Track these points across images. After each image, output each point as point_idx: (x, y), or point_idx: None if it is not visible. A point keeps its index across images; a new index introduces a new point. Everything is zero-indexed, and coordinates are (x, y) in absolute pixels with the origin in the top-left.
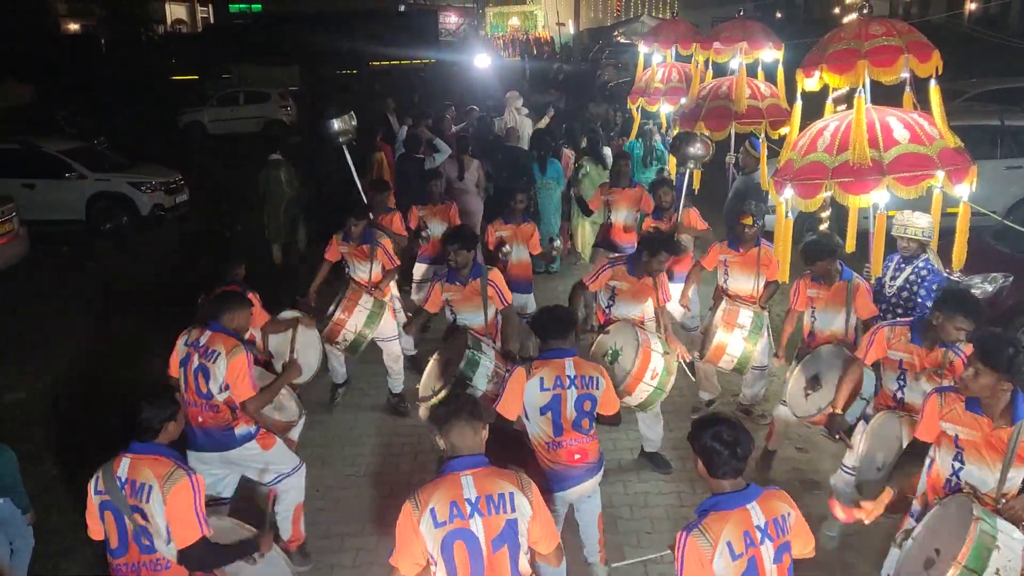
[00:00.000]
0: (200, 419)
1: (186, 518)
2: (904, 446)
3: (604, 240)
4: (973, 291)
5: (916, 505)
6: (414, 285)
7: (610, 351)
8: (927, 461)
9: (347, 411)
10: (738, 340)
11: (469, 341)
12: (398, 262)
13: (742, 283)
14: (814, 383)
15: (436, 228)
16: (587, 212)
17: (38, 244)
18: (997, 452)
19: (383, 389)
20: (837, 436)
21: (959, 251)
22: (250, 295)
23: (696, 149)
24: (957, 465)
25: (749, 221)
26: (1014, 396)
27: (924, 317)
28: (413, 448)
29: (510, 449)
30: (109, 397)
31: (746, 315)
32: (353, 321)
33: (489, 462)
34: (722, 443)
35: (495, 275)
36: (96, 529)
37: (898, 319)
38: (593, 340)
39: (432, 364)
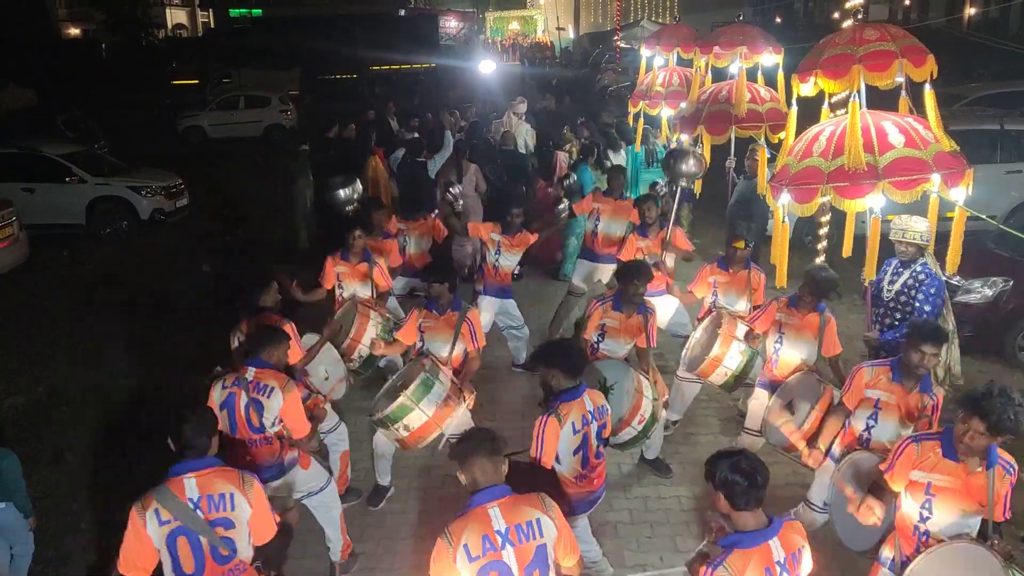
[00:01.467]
0: (248, 457)
1: (266, 517)
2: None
3: (585, 250)
4: (973, 295)
5: (886, 551)
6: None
7: (600, 383)
8: (894, 504)
9: (347, 416)
10: (735, 354)
11: (428, 366)
12: (391, 283)
13: (731, 304)
14: (791, 411)
15: (416, 244)
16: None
17: (38, 248)
18: (971, 498)
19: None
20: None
21: (954, 255)
22: (286, 326)
23: (689, 167)
24: (924, 513)
25: (741, 245)
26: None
27: (902, 358)
28: (412, 454)
29: (528, 479)
30: (109, 402)
31: (743, 329)
32: (369, 335)
33: (512, 490)
34: (741, 474)
35: (474, 315)
36: (148, 558)
37: (877, 360)
38: None
39: (388, 385)
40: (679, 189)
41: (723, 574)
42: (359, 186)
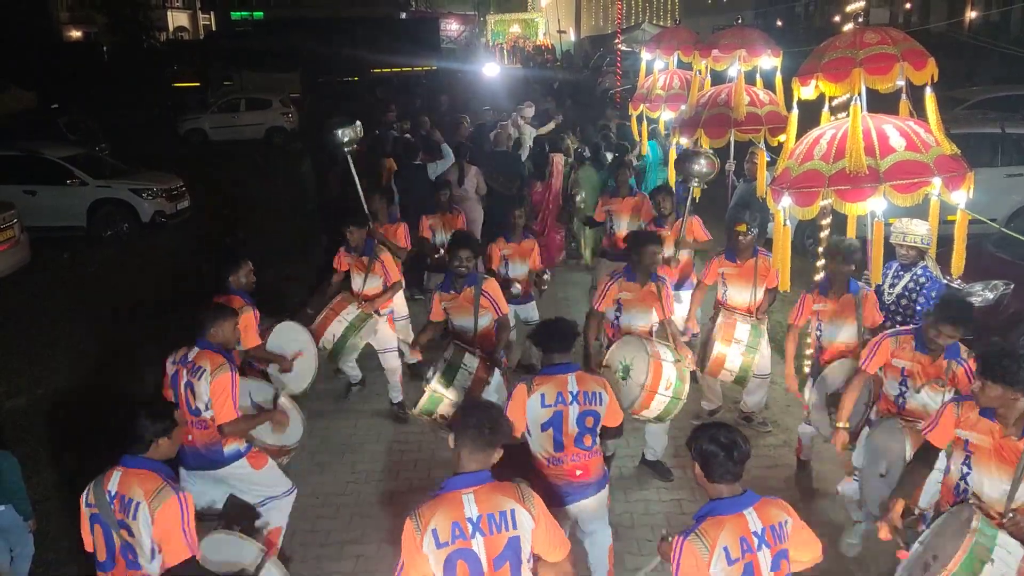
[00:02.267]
0: (191, 436)
1: (174, 537)
2: (908, 455)
3: (607, 250)
4: (974, 298)
5: (931, 513)
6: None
7: (620, 366)
8: (944, 467)
9: (347, 417)
10: (736, 354)
11: (450, 352)
12: (399, 277)
13: (740, 295)
14: (835, 401)
15: (443, 236)
16: (590, 224)
17: (39, 251)
18: (1005, 461)
19: (384, 396)
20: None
21: (958, 258)
22: (249, 312)
23: (701, 167)
24: (965, 470)
25: (743, 228)
26: None
27: (925, 325)
28: (413, 455)
29: (514, 460)
30: (109, 405)
31: (743, 329)
32: (331, 329)
33: (492, 477)
34: (719, 446)
35: (490, 285)
36: (89, 541)
37: (900, 328)
38: (603, 355)
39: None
40: (692, 187)
41: (695, 542)
42: (359, 127)
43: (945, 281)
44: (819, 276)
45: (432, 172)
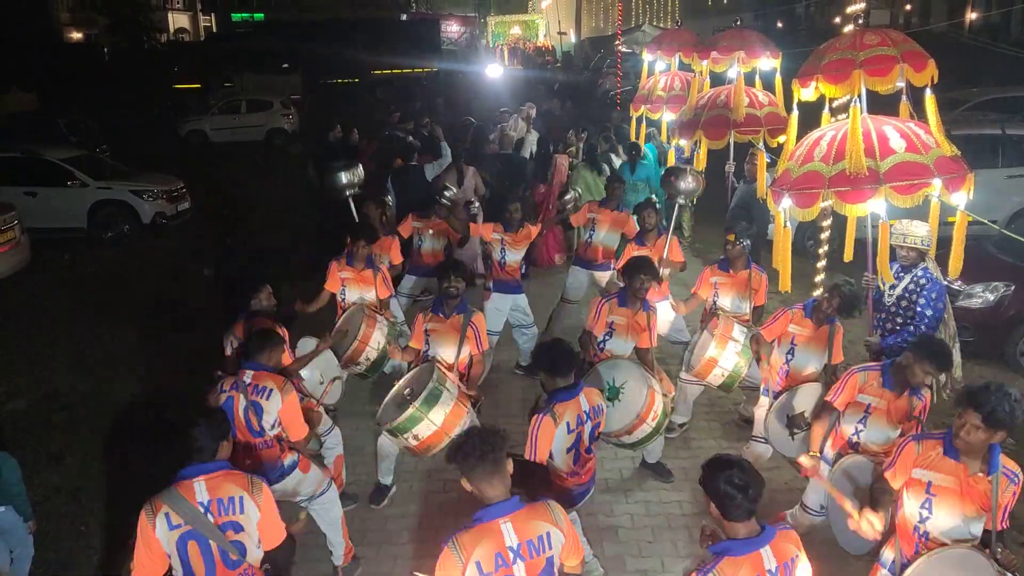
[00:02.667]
0: (249, 461)
1: (274, 521)
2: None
3: (578, 258)
4: (974, 300)
5: (887, 552)
6: (401, 298)
7: (608, 386)
8: (895, 505)
9: (347, 420)
10: (731, 354)
11: (435, 375)
12: (392, 291)
13: (731, 306)
14: (800, 423)
15: (431, 243)
16: (564, 225)
17: (40, 252)
18: (972, 501)
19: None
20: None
21: (956, 259)
22: (279, 330)
23: (687, 184)
24: (924, 513)
25: (732, 238)
26: (992, 448)
27: (894, 362)
28: (414, 458)
29: (518, 469)
30: (110, 405)
31: (740, 330)
32: (376, 338)
33: (519, 499)
34: (734, 487)
35: (478, 319)
36: (159, 565)
37: (869, 364)
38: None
39: (395, 391)
40: (677, 205)
41: None
42: (360, 171)
43: (945, 283)
44: (816, 292)
45: (430, 172)
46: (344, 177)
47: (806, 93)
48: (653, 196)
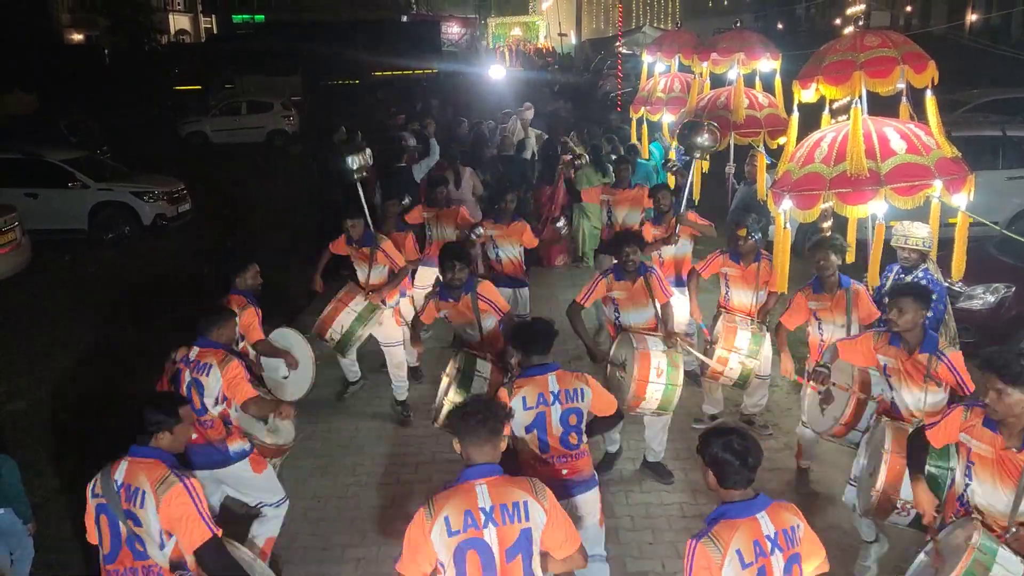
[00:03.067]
0: (194, 436)
1: (188, 521)
2: (887, 452)
3: (603, 243)
4: (975, 301)
5: (938, 520)
6: (418, 291)
7: (618, 363)
8: (950, 475)
9: (348, 420)
10: (736, 362)
11: (461, 362)
12: (402, 262)
13: (742, 297)
14: (827, 397)
15: (439, 233)
16: (576, 197)
17: (41, 253)
18: (1006, 474)
19: (385, 398)
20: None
21: (958, 260)
22: (251, 308)
23: (703, 139)
24: (966, 481)
25: (743, 233)
26: None
27: (888, 321)
28: (414, 457)
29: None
30: (110, 408)
31: (743, 337)
32: (340, 320)
33: (503, 471)
34: (733, 453)
35: (484, 287)
36: (93, 532)
37: (881, 329)
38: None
39: (442, 386)
40: (692, 162)
41: (708, 544)
42: (369, 154)
43: (947, 284)
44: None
45: (418, 172)
46: (352, 161)
47: (807, 95)
48: (670, 163)
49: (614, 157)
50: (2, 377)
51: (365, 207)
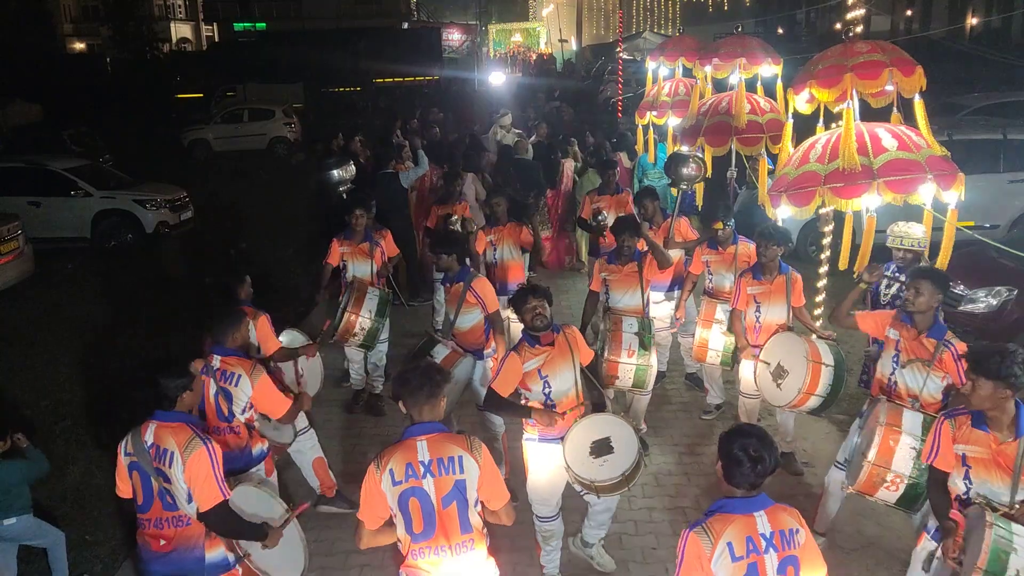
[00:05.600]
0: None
1: (205, 483)
2: (882, 426)
3: (594, 247)
4: (978, 305)
5: (932, 520)
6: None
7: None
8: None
9: (350, 428)
10: (717, 334)
11: (421, 342)
12: (396, 250)
13: (722, 280)
14: (780, 372)
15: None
16: (583, 226)
17: (43, 262)
18: (1004, 468)
19: (386, 398)
20: None
21: (944, 256)
22: (262, 317)
23: (689, 170)
24: (967, 484)
25: (719, 226)
26: (1018, 409)
27: (904, 300)
28: None
29: None
30: (113, 415)
31: (723, 309)
32: (366, 309)
33: (445, 428)
34: (747, 456)
35: (479, 283)
36: (124, 487)
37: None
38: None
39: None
40: (680, 193)
41: (700, 534)
42: (352, 168)
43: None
44: (819, 297)
45: (404, 180)
46: (335, 174)
47: (800, 101)
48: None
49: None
50: (6, 385)
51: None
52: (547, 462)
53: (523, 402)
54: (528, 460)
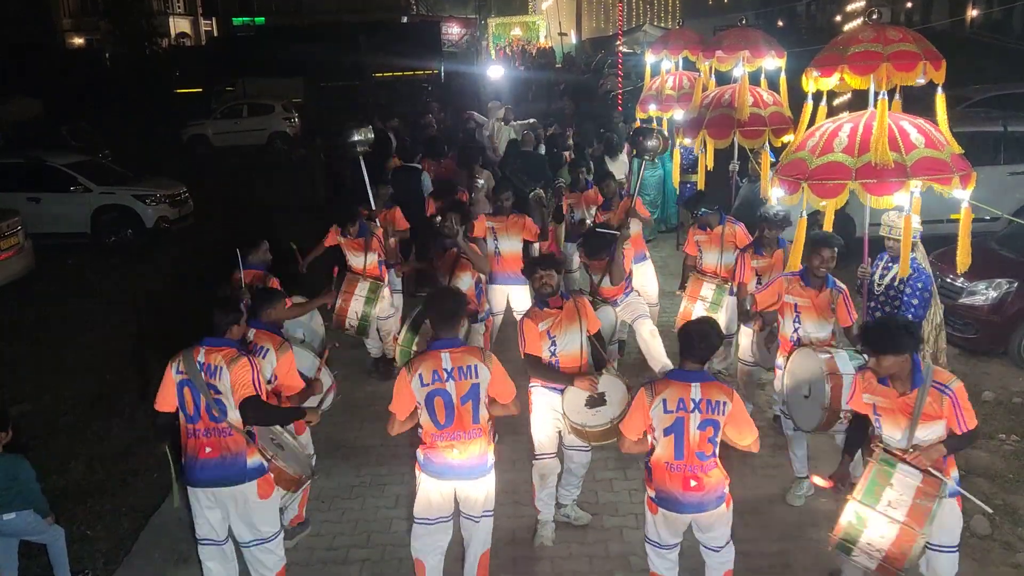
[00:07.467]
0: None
1: (244, 382)
2: (825, 371)
3: (571, 236)
4: (977, 297)
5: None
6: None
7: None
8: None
9: (350, 421)
10: (700, 311)
11: (417, 311)
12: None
13: (710, 257)
14: (771, 337)
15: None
16: (557, 218)
17: (43, 257)
18: (905, 415)
19: (385, 400)
20: None
21: (963, 254)
22: (273, 282)
23: (652, 143)
24: (878, 428)
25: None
26: (914, 364)
27: (807, 266)
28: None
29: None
30: (114, 409)
31: (708, 288)
32: (353, 308)
33: (463, 343)
34: (696, 333)
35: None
36: (167, 401)
37: (789, 272)
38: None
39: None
40: (642, 164)
41: (646, 389)
42: (371, 132)
43: (948, 279)
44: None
45: (427, 180)
46: (356, 133)
47: (828, 83)
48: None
49: (607, 158)
50: (7, 381)
51: (367, 178)
52: (547, 407)
53: None
54: (532, 404)
